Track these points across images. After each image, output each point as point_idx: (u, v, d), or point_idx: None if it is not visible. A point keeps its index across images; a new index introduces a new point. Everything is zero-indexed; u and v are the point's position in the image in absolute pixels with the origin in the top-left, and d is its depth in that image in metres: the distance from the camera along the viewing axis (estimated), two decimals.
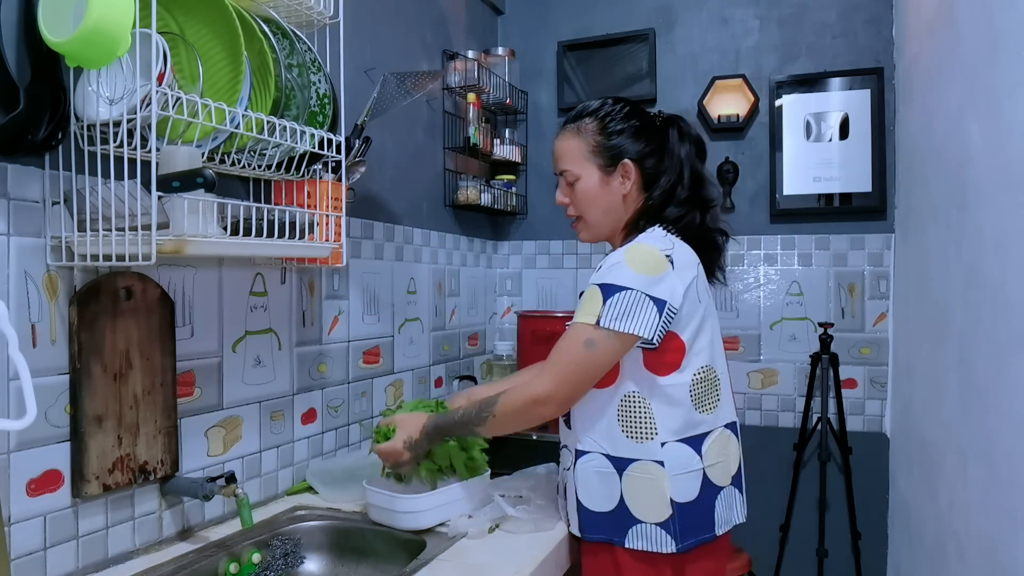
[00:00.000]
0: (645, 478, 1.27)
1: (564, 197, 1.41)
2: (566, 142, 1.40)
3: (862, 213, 2.37)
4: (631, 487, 1.27)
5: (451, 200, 2.38)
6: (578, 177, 1.38)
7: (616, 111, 1.38)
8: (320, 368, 1.73)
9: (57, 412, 1.12)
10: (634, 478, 1.27)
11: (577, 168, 1.38)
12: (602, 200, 1.38)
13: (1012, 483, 1.23)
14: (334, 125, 1.44)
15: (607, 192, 1.37)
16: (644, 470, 1.27)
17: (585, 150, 1.37)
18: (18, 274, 1.07)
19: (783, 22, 2.46)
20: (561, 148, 1.41)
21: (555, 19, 2.74)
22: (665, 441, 1.27)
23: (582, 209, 1.40)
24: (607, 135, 1.37)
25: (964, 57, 1.55)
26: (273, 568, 1.35)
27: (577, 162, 1.38)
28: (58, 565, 1.12)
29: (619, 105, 1.40)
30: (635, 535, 1.27)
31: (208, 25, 1.19)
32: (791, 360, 2.45)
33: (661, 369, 1.28)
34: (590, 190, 1.37)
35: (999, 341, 1.30)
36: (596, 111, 1.39)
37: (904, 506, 2.11)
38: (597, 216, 1.39)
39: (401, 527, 1.37)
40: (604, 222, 1.40)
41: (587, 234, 1.43)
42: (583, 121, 1.39)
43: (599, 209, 1.38)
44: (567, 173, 1.39)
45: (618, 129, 1.37)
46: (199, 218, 1.10)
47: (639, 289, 1.23)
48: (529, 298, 2.80)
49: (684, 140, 1.39)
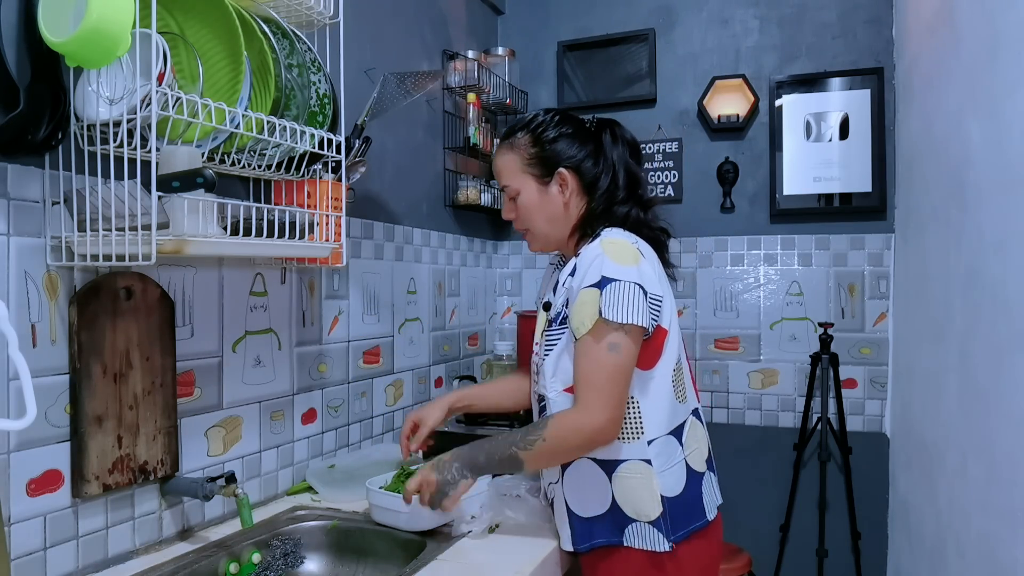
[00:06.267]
0: (635, 478, 1.27)
1: (509, 212, 1.42)
2: (502, 158, 1.41)
3: (862, 213, 2.37)
4: (622, 488, 1.27)
5: (451, 200, 2.38)
6: (517, 191, 1.39)
7: (547, 120, 1.39)
8: (320, 368, 1.73)
9: (57, 412, 1.12)
10: (624, 479, 1.27)
11: (515, 183, 1.39)
12: (544, 210, 1.38)
13: (1012, 483, 1.23)
14: (334, 125, 1.44)
15: (547, 202, 1.38)
16: (633, 470, 1.27)
17: (520, 163, 1.38)
18: (18, 274, 1.07)
19: (783, 22, 2.46)
20: (498, 165, 1.42)
21: (555, 19, 2.74)
22: (652, 438, 1.27)
23: (527, 221, 1.40)
24: (540, 146, 1.37)
25: (964, 57, 1.55)
26: (273, 568, 1.35)
27: (515, 176, 1.39)
28: (58, 565, 1.12)
29: (550, 115, 1.40)
30: (632, 534, 1.27)
31: (208, 25, 1.19)
32: (791, 360, 2.45)
33: (646, 362, 1.28)
34: (531, 202, 1.38)
35: (999, 341, 1.30)
36: (528, 124, 1.40)
37: (904, 506, 2.11)
38: (542, 226, 1.40)
39: (404, 528, 1.36)
40: (550, 231, 1.40)
41: (536, 244, 1.44)
42: (516, 136, 1.40)
43: (542, 219, 1.39)
44: (507, 188, 1.40)
45: (551, 138, 1.37)
46: (199, 218, 1.10)
47: (627, 280, 1.23)
48: (529, 298, 2.80)
49: (618, 143, 1.39)
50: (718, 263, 2.52)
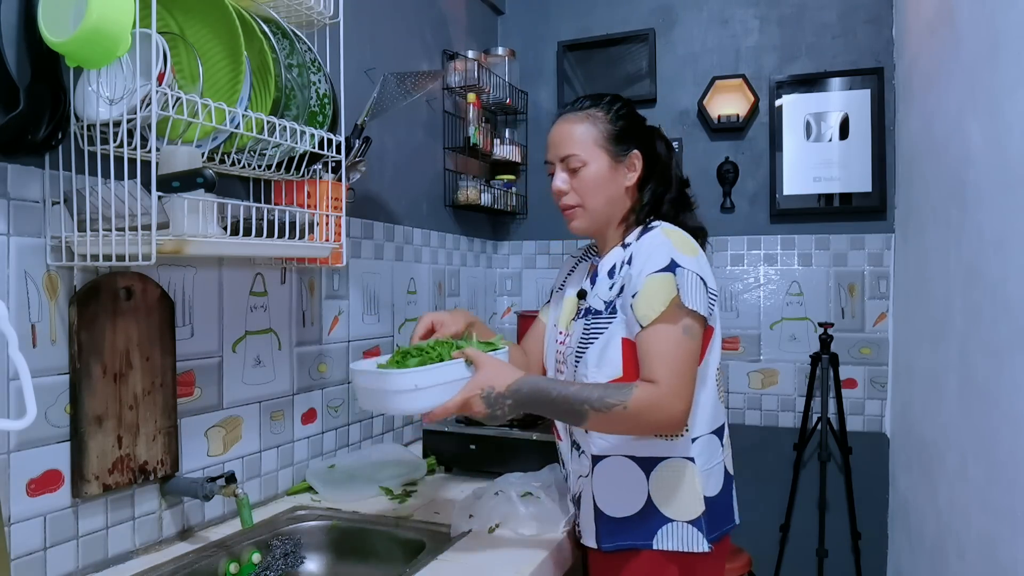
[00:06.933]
0: (676, 476, 1.25)
1: (563, 184, 1.35)
2: (575, 126, 1.34)
3: (862, 213, 2.37)
4: (661, 486, 1.25)
5: (451, 200, 2.38)
6: (585, 163, 1.32)
7: (622, 105, 1.38)
8: (320, 368, 1.73)
9: (57, 412, 1.12)
10: (664, 477, 1.25)
11: (586, 154, 1.32)
12: (608, 189, 1.34)
13: (1012, 483, 1.23)
14: (334, 125, 1.44)
15: (613, 181, 1.34)
16: (675, 468, 1.25)
17: (597, 136, 1.33)
18: (18, 274, 1.07)
19: (783, 22, 2.46)
20: (567, 132, 1.34)
21: (555, 19, 2.74)
22: (696, 436, 1.26)
23: (585, 196, 1.34)
24: (618, 124, 1.35)
25: (964, 57, 1.55)
26: (273, 568, 1.35)
27: (586, 147, 1.32)
28: (58, 565, 1.12)
29: (622, 100, 1.39)
30: (665, 535, 1.24)
31: (208, 25, 1.19)
32: (791, 360, 2.45)
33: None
34: (598, 177, 1.33)
35: (999, 341, 1.30)
36: (607, 101, 1.37)
37: (904, 506, 2.11)
38: (599, 204, 1.34)
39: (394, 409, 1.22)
40: (605, 212, 1.35)
41: (583, 222, 1.37)
42: (592, 109, 1.35)
43: (603, 197, 1.34)
44: (572, 158, 1.33)
45: (629, 120, 1.36)
46: (199, 218, 1.10)
47: (692, 269, 1.22)
48: (529, 298, 2.80)
49: (664, 144, 1.41)
50: (718, 263, 2.52)
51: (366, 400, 1.21)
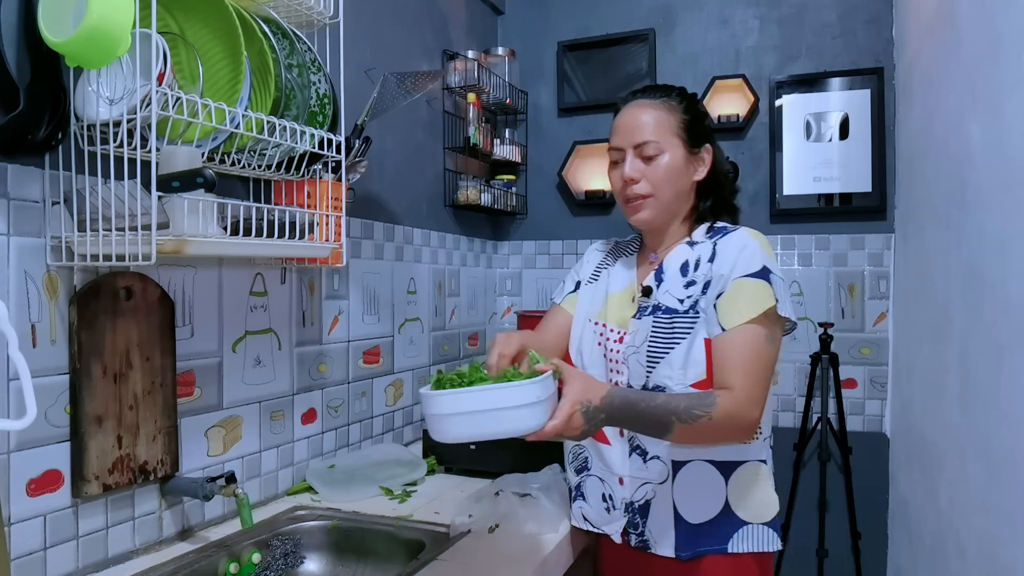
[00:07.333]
0: (752, 478, 1.24)
1: (636, 172, 1.27)
2: (652, 112, 1.28)
3: (862, 213, 2.37)
4: (739, 490, 1.24)
5: (451, 200, 2.38)
6: (662, 151, 1.27)
7: (694, 97, 1.34)
8: (320, 368, 1.73)
9: (57, 412, 1.12)
10: (741, 480, 1.24)
11: (664, 141, 1.27)
12: (680, 180, 1.29)
13: (1012, 483, 1.23)
14: (334, 125, 1.44)
15: (686, 174, 1.29)
16: (751, 470, 1.25)
17: (675, 125, 1.28)
18: (18, 274, 1.07)
19: (783, 22, 2.46)
20: (646, 118, 1.28)
21: (555, 19, 2.74)
22: (765, 437, 1.27)
23: (658, 186, 1.27)
24: (693, 115, 1.30)
25: (964, 57, 1.55)
26: (273, 568, 1.35)
27: (665, 135, 1.27)
28: (58, 565, 1.12)
29: (691, 93, 1.35)
30: (740, 539, 1.23)
31: (208, 25, 1.19)
32: (791, 360, 2.44)
33: None
34: (675, 167, 1.27)
35: (999, 341, 1.30)
36: (679, 91, 1.33)
37: (904, 506, 2.11)
38: (670, 197, 1.28)
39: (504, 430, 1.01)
40: (672, 205, 1.30)
41: (649, 214, 1.29)
42: (669, 97, 1.31)
43: (674, 190, 1.28)
44: (649, 145, 1.26)
45: (702, 113, 1.33)
46: (199, 218, 1.10)
47: (781, 277, 1.20)
48: (529, 298, 2.80)
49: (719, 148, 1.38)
50: None
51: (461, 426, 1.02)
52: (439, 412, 1.02)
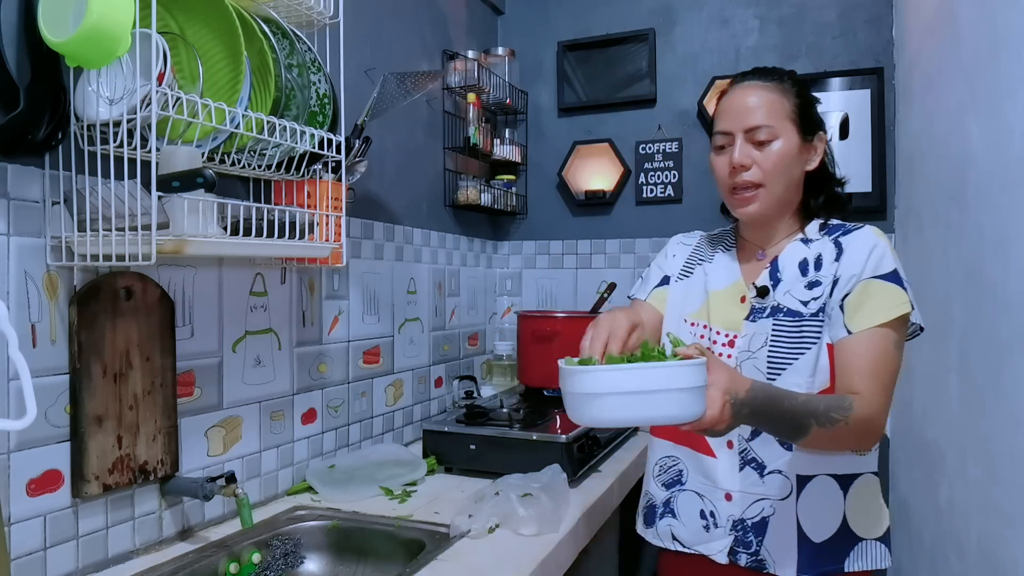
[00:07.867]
0: (868, 492, 1.19)
1: (746, 158, 1.17)
2: (765, 95, 1.19)
3: (862, 213, 2.36)
4: (856, 505, 1.17)
5: (451, 200, 2.38)
6: (776, 136, 1.17)
7: (804, 81, 1.24)
8: (320, 368, 1.73)
9: (57, 412, 1.12)
10: (858, 494, 1.17)
11: (778, 126, 1.17)
12: (793, 169, 1.19)
13: (1012, 483, 1.23)
14: (334, 125, 1.44)
15: (798, 162, 1.19)
16: (867, 483, 1.18)
17: (789, 109, 1.18)
18: (18, 274, 1.07)
19: (783, 22, 2.46)
20: (758, 100, 1.18)
21: (555, 19, 2.74)
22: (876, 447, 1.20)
23: (770, 174, 1.17)
24: (806, 101, 1.21)
25: (964, 57, 1.55)
26: (273, 568, 1.35)
27: (779, 120, 1.17)
28: (58, 565, 1.12)
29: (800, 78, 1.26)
30: (856, 556, 1.17)
31: (208, 25, 1.19)
32: None
33: None
34: (789, 153, 1.17)
35: (999, 341, 1.30)
36: (792, 74, 1.24)
37: (904, 506, 2.11)
38: (781, 187, 1.18)
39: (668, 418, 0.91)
40: (783, 197, 1.20)
41: (761, 206, 1.19)
42: (783, 81, 1.21)
43: (786, 179, 1.18)
44: (762, 130, 1.17)
45: (813, 99, 1.23)
46: (199, 218, 1.10)
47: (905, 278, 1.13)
48: (529, 298, 2.80)
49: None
50: None
51: (615, 408, 0.89)
52: (593, 391, 0.90)
